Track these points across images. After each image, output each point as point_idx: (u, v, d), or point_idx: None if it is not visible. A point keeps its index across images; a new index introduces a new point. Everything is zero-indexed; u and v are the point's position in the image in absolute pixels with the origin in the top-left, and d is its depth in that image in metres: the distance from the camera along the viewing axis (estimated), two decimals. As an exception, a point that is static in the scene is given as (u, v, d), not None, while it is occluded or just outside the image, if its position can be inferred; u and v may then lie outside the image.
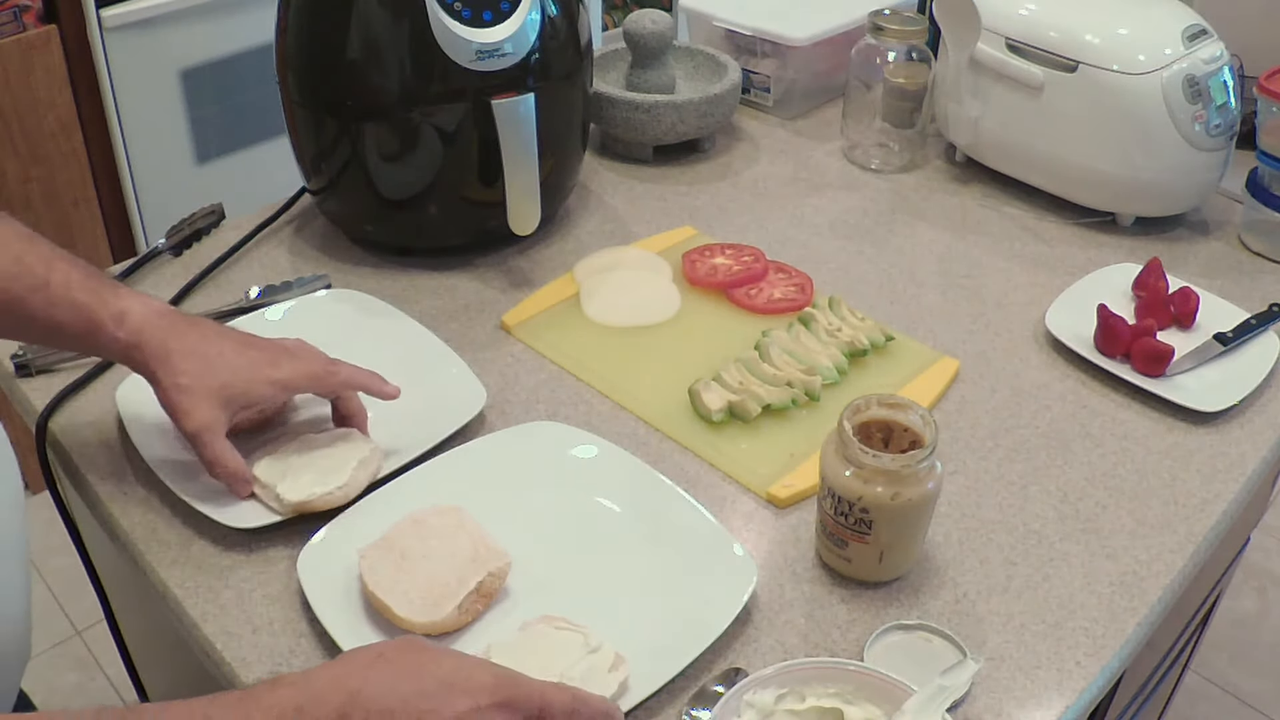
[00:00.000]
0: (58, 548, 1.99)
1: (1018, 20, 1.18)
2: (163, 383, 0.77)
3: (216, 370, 0.78)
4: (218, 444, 0.78)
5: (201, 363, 0.78)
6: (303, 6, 1.02)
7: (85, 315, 0.77)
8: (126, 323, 0.77)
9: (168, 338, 0.77)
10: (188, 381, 0.77)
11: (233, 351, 0.80)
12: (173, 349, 0.77)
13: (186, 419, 0.77)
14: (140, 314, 0.78)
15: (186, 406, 0.77)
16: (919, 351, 1.01)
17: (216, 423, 0.77)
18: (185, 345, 0.78)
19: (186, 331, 0.79)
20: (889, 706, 0.64)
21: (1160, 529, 0.84)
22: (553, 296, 1.06)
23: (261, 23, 1.89)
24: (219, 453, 0.78)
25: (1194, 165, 1.14)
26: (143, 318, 0.78)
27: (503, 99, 0.99)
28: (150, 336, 0.77)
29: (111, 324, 0.77)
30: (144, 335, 0.77)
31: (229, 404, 0.78)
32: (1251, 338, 1.01)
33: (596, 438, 0.87)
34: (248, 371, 0.79)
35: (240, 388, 0.79)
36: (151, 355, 0.77)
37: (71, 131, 1.90)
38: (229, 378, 0.78)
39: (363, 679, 0.56)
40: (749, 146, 1.36)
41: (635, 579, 0.77)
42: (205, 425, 0.77)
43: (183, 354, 0.77)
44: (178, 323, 0.79)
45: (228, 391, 0.78)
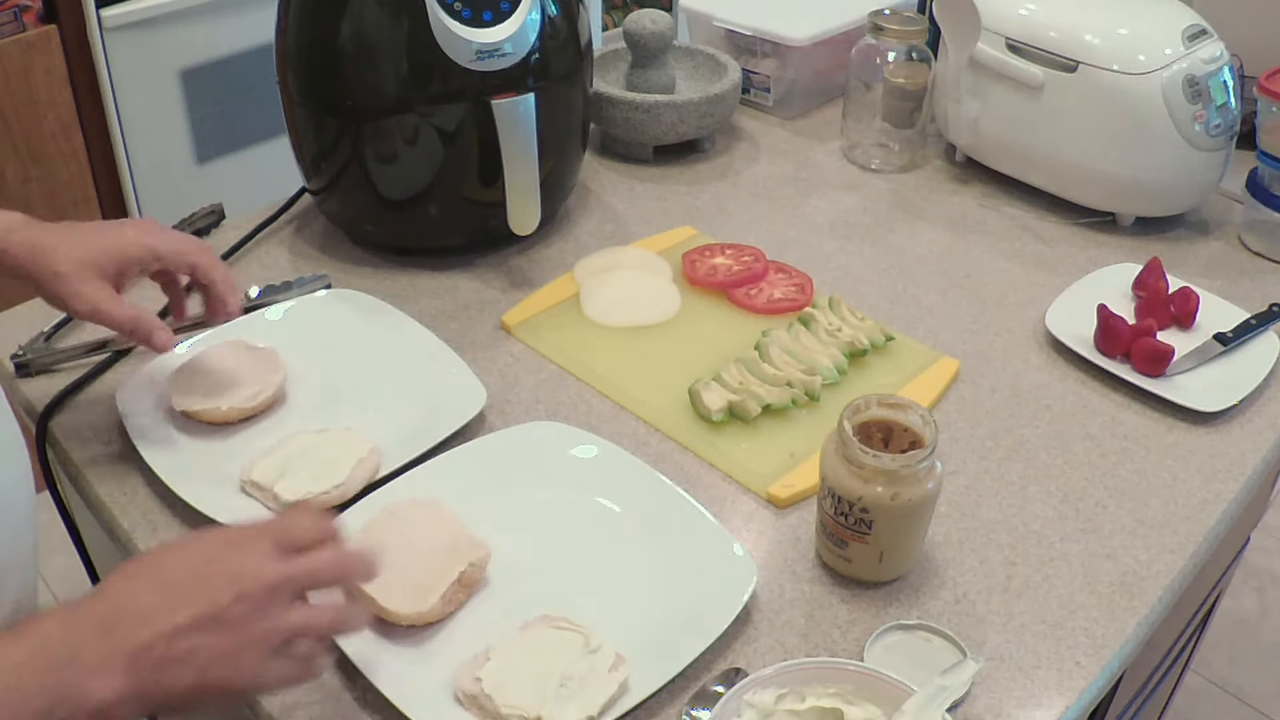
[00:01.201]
0: (58, 548, 1.99)
1: (1018, 20, 1.18)
2: (41, 277, 0.78)
3: (85, 247, 0.79)
4: (118, 309, 0.79)
5: (68, 246, 0.79)
6: (303, 6, 1.02)
7: None
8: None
9: (30, 233, 0.79)
10: (64, 268, 0.78)
11: (95, 228, 0.82)
12: (38, 243, 0.78)
13: (75, 301, 0.78)
14: (4, 220, 0.79)
15: (72, 290, 0.77)
16: (919, 351, 1.01)
17: (103, 291, 0.78)
18: (50, 238, 0.79)
19: (48, 227, 0.80)
20: (889, 706, 0.64)
21: (1160, 529, 0.84)
22: (553, 296, 1.06)
23: (261, 23, 1.89)
24: (122, 314, 0.79)
25: (1194, 165, 1.14)
26: (8, 221, 0.79)
27: (503, 99, 0.99)
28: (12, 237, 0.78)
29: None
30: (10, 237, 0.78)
31: (106, 270, 0.79)
32: (1251, 338, 1.01)
33: (596, 438, 0.87)
34: (118, 236, 0.81)
35: (111, 253, 0.80)
36: (20, 254, 0.78)
37: (71, 131, 1.90)
38: (101, 246, 0.79)
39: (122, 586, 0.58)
40: (749, 146, 1.36)
41: (635, 579, 0.77)
42: (95, 301, 0.78)
43: (50, 246, 0.78)
44: (41, 223, 0.81)
45: (103, 259, 0.79)
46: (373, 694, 0.69)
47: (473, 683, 0.68)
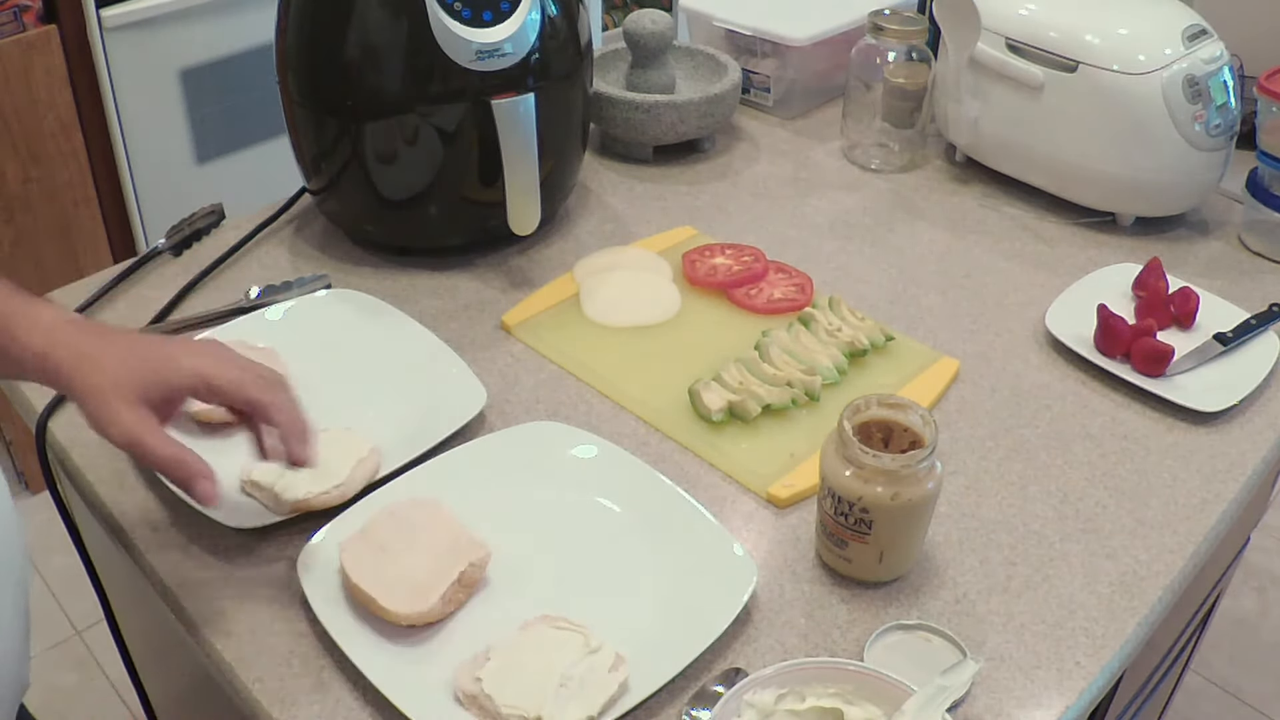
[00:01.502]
0: (58, 548, 1.99)
1: (1018, 20, 1.18)
2: (77, 390, 0.69)
3: (131, 361, 0.69)
4: (157, 444, 0.68)
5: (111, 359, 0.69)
6: (303, 7, 1.02)
7: None
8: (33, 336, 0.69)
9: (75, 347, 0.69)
10: (101, 381, 0.68)
11: (144, 344, 0.72)
12: (83, 358, 0.69)
13: (113, 428, 0.68)
14: (44, 326, 0.70)
15: (109, 414, 0.67)
16: (919, 351, 1.01)
17: (146, 421, 0.68)
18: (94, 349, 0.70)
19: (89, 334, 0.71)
20: (889, 706, 0.64)
21: (1160, 529, 0.84)
22: (553, 296, 1.06)
23: (261, 23, 1.89)
24: (163, 448, 0.68)
25: (1194, 165, 1.14)
26: (48, 327, 0.70)
27: (503, 99, 0.99)
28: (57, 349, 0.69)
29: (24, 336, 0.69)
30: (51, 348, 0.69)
31: (149, 396, 0.69)
32: (1251, 338, 1.01)
33: (596, 438, 0.87)
34: (164, 361, 0.71)
35: (158, 378, 0.70)
36: (61, 368, 0.69)
37: (71, 131, 1.90)
38: (145, 368, 0.70)
39: None
40: (749, 146, 1.36)
41: (635, 579, 0.77)
42: (136, 430, 0.68)
43: (91, 360, 0.69)
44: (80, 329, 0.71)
45: (146, 383, 0.69)
46: (373, 694, 0.69)
47: (473, 683, 0.68)
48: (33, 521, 2.10)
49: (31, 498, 2.17)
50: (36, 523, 2.10)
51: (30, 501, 2.15)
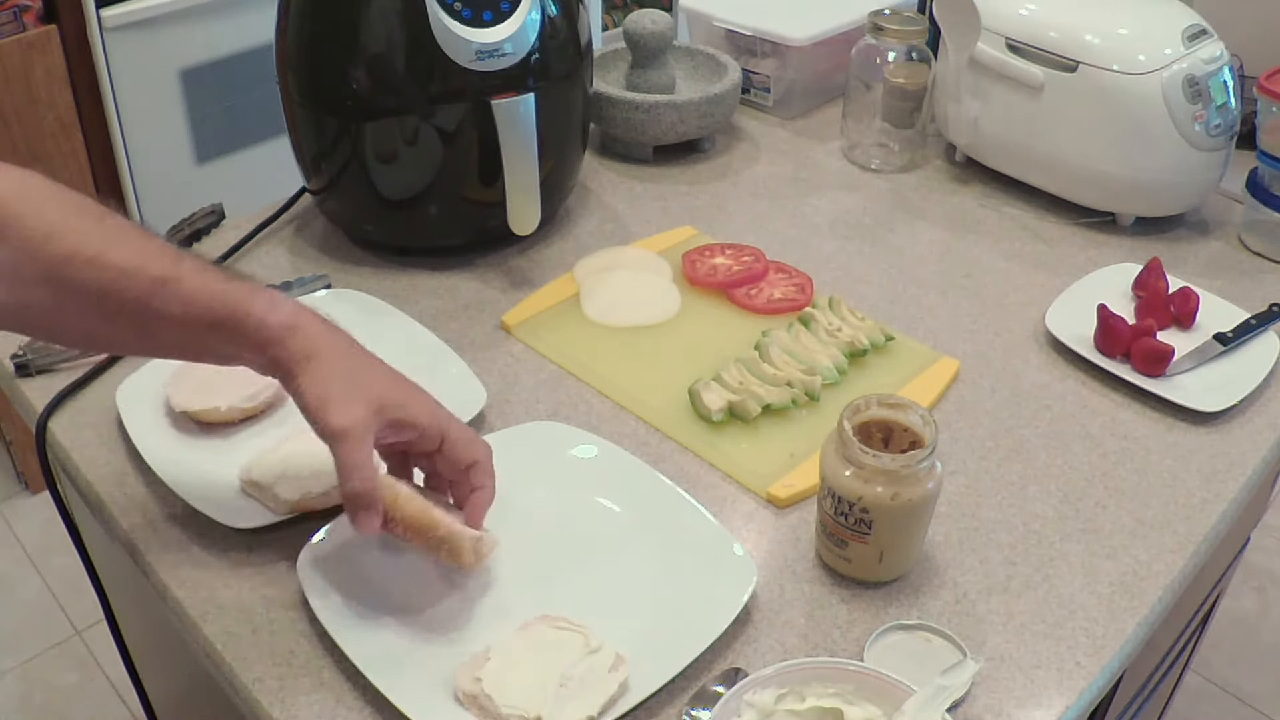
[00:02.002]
0: (58, 548, 1.99)
1: (1018, 20, 1.18)
2: (312, 373, 0.68)
3: (374, 379, 0.70)
4: (361, 450, 0.67)
5: (358, 366, 0.70)
6: (303, 7, 1.02)
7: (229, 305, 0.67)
8: (280, 309, 0.69)
9: (321, 330, 0.70)
10: (342, 378, 0.68)
11: (393, 373, 0.73)
12: (329, 343, 0.69)
13: (334, 414, 0.67)
14: (290, 306, 0.70)
15: (337, 400, 0.67)
16: (919, 351, 1.01)
17: (366, 426, 0.67)
18: (342, 345, 0.70)
19: (339, 332, 0.71)
20: (889, 706, 0.64)
21: (1160, 529, 0.84)
22: (553, 296, 1.06)
23: (261, 23, 1.89)
24: (362, 460, 0.67)
25: (1194, 165, 1.14)
26: (295, 307, 0.70)
27: (503, 99, 0.99)
28: (304, 323, 0.69)
29: (262, 310, 0.68)
30: (299, 320, 0.69)
31: (382, 412, 0.69)
32: (1251, 338, 1.01)
33: (596, 438, 0.87)
34: (408, 390, 0.72)
35: (398, 400, 0.70)
36: (306, 343, 0.68)
37: (71, 131, 1.90)
38: (387, 388, 0.70)
39: None
40: (749, 146, 1.36)
41: (635, 579, 0.77)
42: (354, 422, 0.67)
43: (340, 353, 0.69)
44: (326, 321, 0.71)
45: (384, 400, 0.69)
46: (373, 693, 0.69)
47: (473, 683, 0.68)
48: (33, 521, 2.10)
49: (31, 498, 2.17)
50: (36, 523, 2.10)
51: (30, 501, 2.15)
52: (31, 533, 2.09)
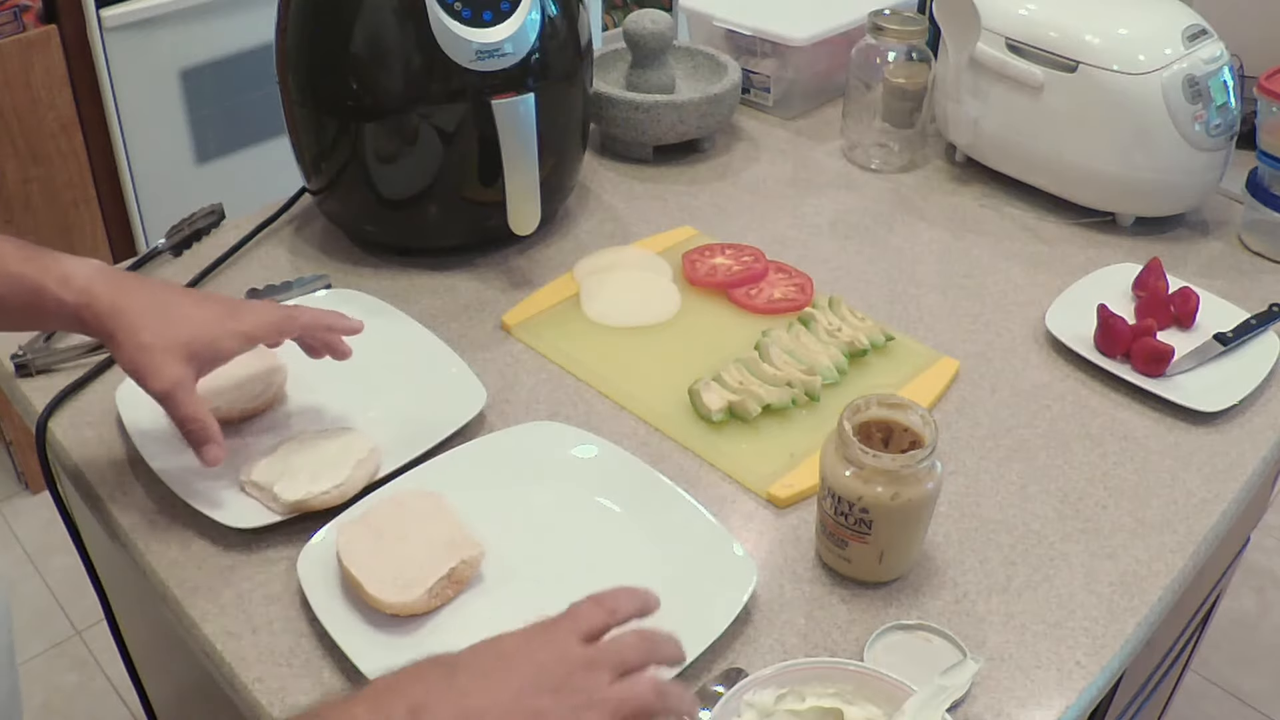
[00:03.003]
0: (58, 548, 1.99)
1: (1018, 20, 1.18)
2: (122, 342, 0.73)
3: (178, 326, 0.74)
4: (189, 401, 0.74)
5: (160, 317, 0.74)
6: (303, 7, 1.02)
7: (27, 284, 0.73)
8: (72, 284, 0.73)
9: (117, 294, 0.74)
10: (149, 339, 0.73)
11: (190, 306, 0.77)
12: (126, 306, 0.73)
13: (155, 378, 0.73)
14: (85, 274, 0.74)
15: (152, 365, 0.73)
16: (919, 351, 1.01)
17: (186, 378, 0.74)
18: (140, 301, 0.74)
19: (136, 288, 0.75)
20: (889, 706, 0.64)
21: (1160, 529, 0.84)
22: (553, 296, 1.06)
23: (261, 23, 1.89)
24: (193, 410, 0.74)
25: (1194, 165, 1.14)
26: (88, 278, 0.74)
27: (503, 99, 0.99)
28: (99, 295, 0.73)
29: (56, 288, 0.73)
30: (93, 294, 0.73)
31: (195, 358, 0.75)
32: (1251, 338, 1.01)
33: (596, 438, 0.87)
34: (212, 325, 0.76)
35: (205, 341, 0.75)
36: (104, 313, 0.73)
37: (71, 131, 1.90)
38: (193, 332, 0.75)
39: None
40: (749, 146, 1.36)
41: (635, 579, 0.77)
42: (175, 382, 0.73)
43: (138, 311, 0.74)
44: (125, 280, 0.76)
45: (193, 346, 0.74)
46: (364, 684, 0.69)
47: None
48: (33, 521, 2.10)
49: (31, 498, 2.17)
50: (36, 523, 2.10)
51: (30, 501, 2.15)
52: (31, 533, 2.09)
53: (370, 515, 0.77)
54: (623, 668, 0.58)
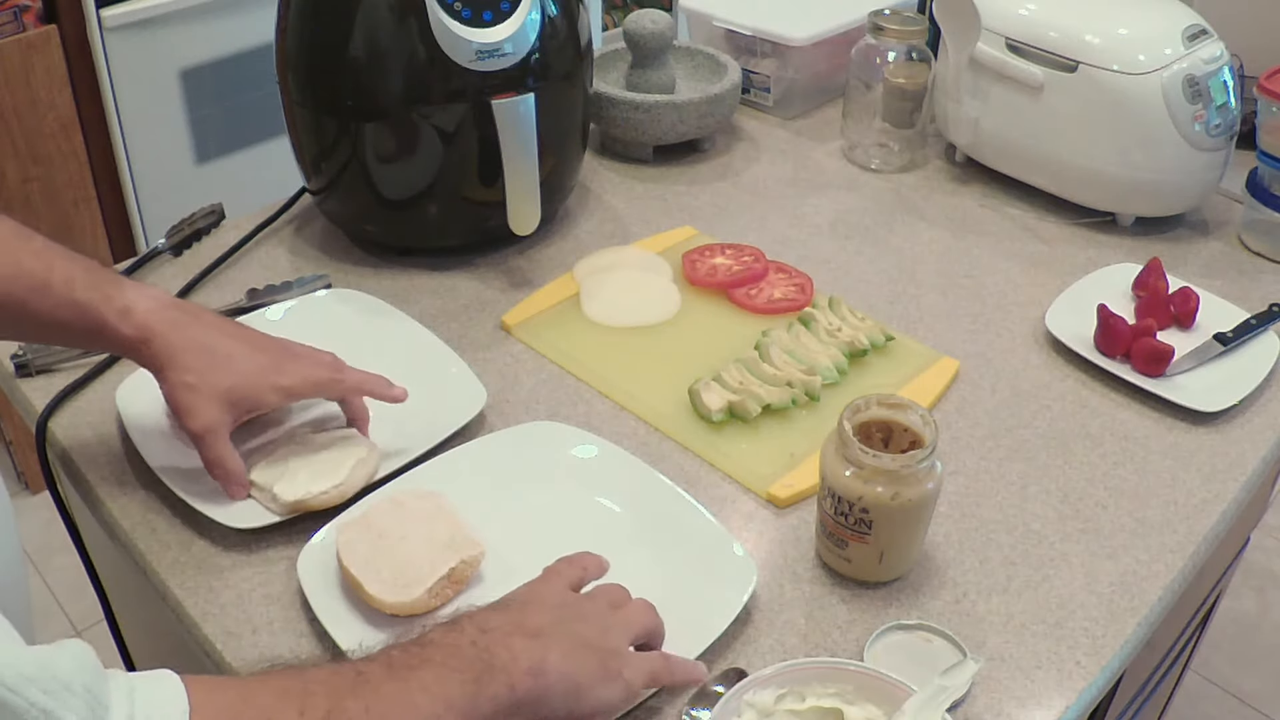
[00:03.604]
0: (58, 548, 1.99)
1: (1018, 20, 1.18)
2: (170, 380, 0.77)
3: (224, 372, 0.78)
4: (221, 445, 0.78)
5: (209, 362, 0.78)
6: (303, 7, 1.02)
7: (89, 314, 0.76)
8: (132, 318, 0.77)
9: (173, 333, 0.77)
10: (195, 380, 0.77)
11: (241, 355, 0.80)
12: (180, 346, 0.77)
13: (192, 419, 0.77)
14: (145, 309, 0.77)
15: (193, 406, 0.77)
16: (919, 351, 1.01)
17: (221, 425, 0.78)
18: (193, 342, 0.78)
19: (192, 326, 0.79)
20: (889, 706, 0.64)
21: (1160, 529, 0.84)
22: (553, 296, 1.06)
23: (261, 23, 1.89)
24: (221, 454, 0.78)
25: (1194, 165, 1.14)
26: (148, 312, 0.77)
27: (503, 99, 0.99)
28: (157, 332, 0.77)
29: (116, 320, 0.76)
30: (151, 330, 0.77)
31: (234, 407, 0.79)
32: (1251, 338, 1.01)
33: (596, 438, 0.87)
34: (255, 377, 0.79)
35: (246, 392, 0.79)
36: (159, 351, 0.77)
37: (71, 131, 1.90)
38: (236, 381, 0.78)
39: None
40: (749, 146, 1.36)
41: (635, 579, 0.77)
42: (209, 426, 0.77)
43: (191, 351, 0.77)
44: (183, 317, 0.79)
45: (234, 395, 0.78)
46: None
47: None
48: (33, 521, 2.10)
49: (31, 498, 2.17)
50: (36, 523, 2.10)
51: (30, 501, 2.15)
52: (31, 533, 2.09)
53: (370, 515, 0.77)
54: (614, 603, 0.69)
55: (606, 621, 0.66)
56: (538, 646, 0.61)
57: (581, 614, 0.66)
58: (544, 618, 0.64)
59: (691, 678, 0.69)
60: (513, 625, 0.62)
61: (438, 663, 0.58)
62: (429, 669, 0.58)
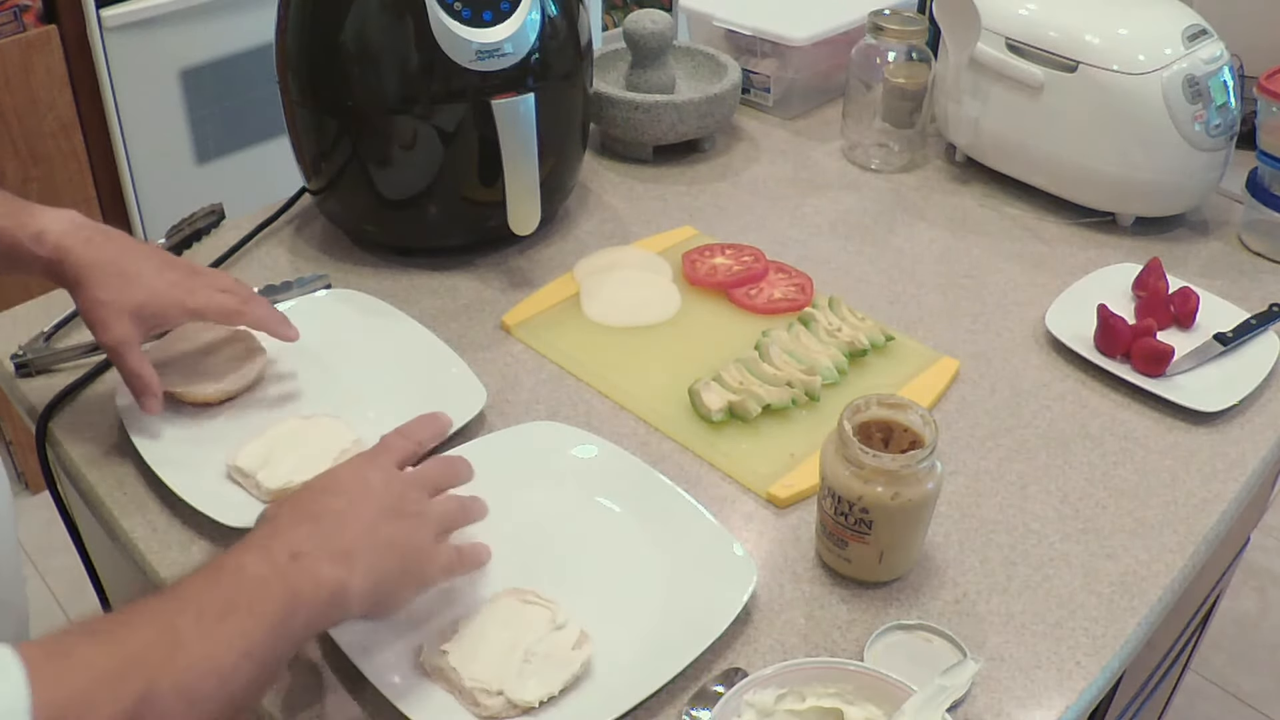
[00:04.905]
0: (58, 548, 1.99)
1: (1018, 20, 1.18)
2: (84, 296, 0.80)
3: (135, 289, 0.82)
4: (133, 357, 0.82)
5: (121, 279, 0.81)
6: (303, 6, 1.02)
7: (4, 238, 0.80)
8: (45, 241, 0.80)
9: (86, 251, 0.81)
10: (107, 297, 0.80)
11: (151, 271, 0.83)
12: (92, 263, 0.80)
13: (105, 332, 0.81)
14: (59, 230, 0.81)
15: (106, 320, 0.80)
16: (919, 351, 1.01)
17: (132, 338, 0.82)
18: (106, 260, 0.81)
19: (103, 245, 0.82)
20: (889, 706, 0.64)
21: (1160, 529, 0.84)
22: (553, 296, 1.06)
23: (261, 23, 1.89)
24: (135, 366, 0.82)
25: (1194, 165, 1.14)
26: (62, 234, 0.81)
27: (503, 99, 0.99)
28: (70, 251, 0.80)
29: (31, 243, 0.80)
30: (64, 250, 0.80)
31: (144, 322, 0.82)
32: (1251, 338, 1.01)
33: (596, 438, 0.87)
34: (164, 293, 0.83)
35: (155, 308, 0.83)
36: (72, 269, 0.80)
37: (71, 131, 1.90)
38: (146, 298, 0.82)
39: None
40: (749, 146, 1.36)
41: (635, 579, 0.77)
42: (122, 339, 0.81)
43: (103, 268, 0.81)
44: (95, 235, 0.82)
45: (144, 310, 0.82)
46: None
47: (439, 655, 0.68)
48: (33, 521, 2.10)
49: (31, 498, 2.17)
50: (36, 523, 2.10)
51: (30, 501, 2.15)
52: (31, 533, 2.09)
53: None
54: (434, 489, 0.72)
55: (421, 515, 0.69)
56: (343, 571, 0.63)
57: (398, 507, 0.68)
58: (357, 527, 0.65)
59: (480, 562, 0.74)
60: (324, 548, 0.63)
61: (244, 608, 0.59)
62: (235, 619, 0.58)
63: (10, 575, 0.84)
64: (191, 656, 0.56)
